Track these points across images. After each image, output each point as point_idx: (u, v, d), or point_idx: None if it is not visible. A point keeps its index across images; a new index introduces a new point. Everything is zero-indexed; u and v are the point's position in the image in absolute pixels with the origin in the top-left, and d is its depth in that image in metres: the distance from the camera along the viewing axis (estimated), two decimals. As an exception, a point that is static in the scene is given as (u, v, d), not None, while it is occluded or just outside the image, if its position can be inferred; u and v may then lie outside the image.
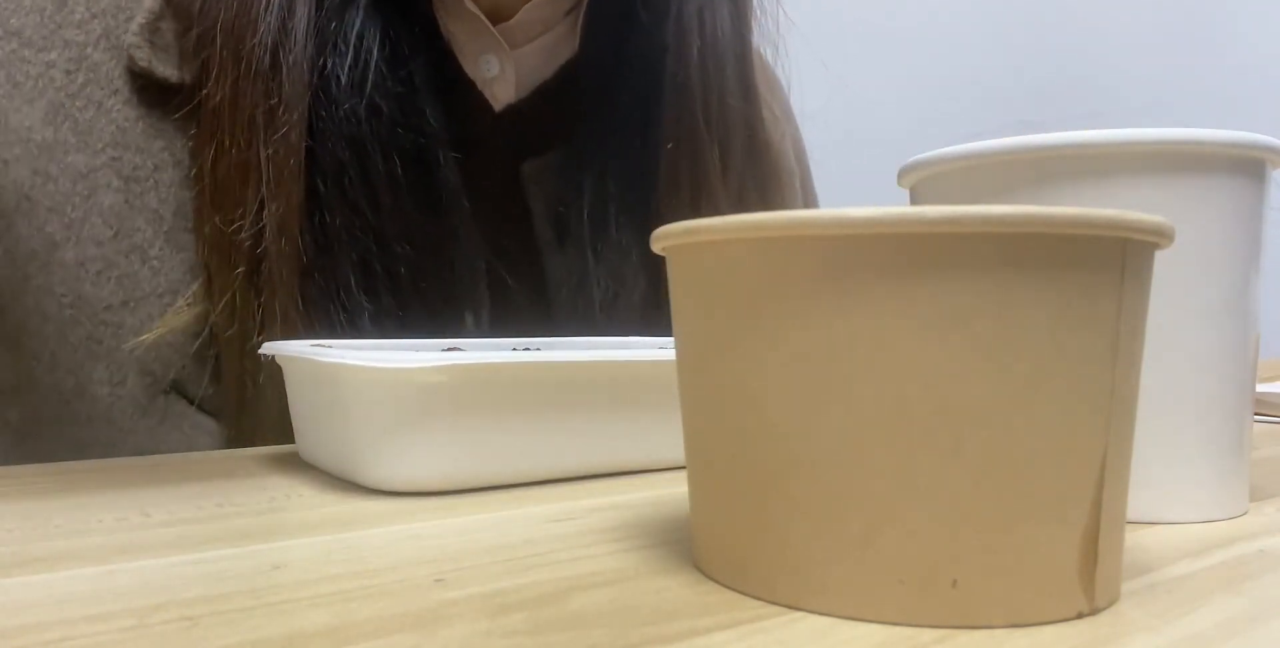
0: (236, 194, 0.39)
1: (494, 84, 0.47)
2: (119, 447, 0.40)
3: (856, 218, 0.16)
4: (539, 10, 0.47)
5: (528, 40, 0.48)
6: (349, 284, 0.41)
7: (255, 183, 0.39)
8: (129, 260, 0.40)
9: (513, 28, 0.47)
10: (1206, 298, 0.25)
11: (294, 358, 0.31)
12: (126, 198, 0.40)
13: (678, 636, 0.16)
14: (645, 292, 0.49)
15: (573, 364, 0.30)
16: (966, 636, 0.16)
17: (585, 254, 0.49)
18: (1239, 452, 0.26)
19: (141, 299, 0.40)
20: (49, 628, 0.17)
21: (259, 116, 0.39)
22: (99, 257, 0.40)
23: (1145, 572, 0.20)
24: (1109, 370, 0.17)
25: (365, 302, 0.41)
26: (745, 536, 0.18)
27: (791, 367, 0.17)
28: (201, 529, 0.24)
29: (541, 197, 0.49)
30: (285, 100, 0.40)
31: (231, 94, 0.40)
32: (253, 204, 0.39)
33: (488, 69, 0.47)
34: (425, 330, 0.43)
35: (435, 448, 0.28)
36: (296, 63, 0.40)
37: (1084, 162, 0.25)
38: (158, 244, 0.41)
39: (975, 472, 0.16)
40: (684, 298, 0.20)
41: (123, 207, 0.40)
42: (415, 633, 0.16)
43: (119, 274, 0.40)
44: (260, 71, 0.39)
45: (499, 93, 0.48)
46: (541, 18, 0.48)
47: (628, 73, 0.49)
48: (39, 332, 0.39)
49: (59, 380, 0.39)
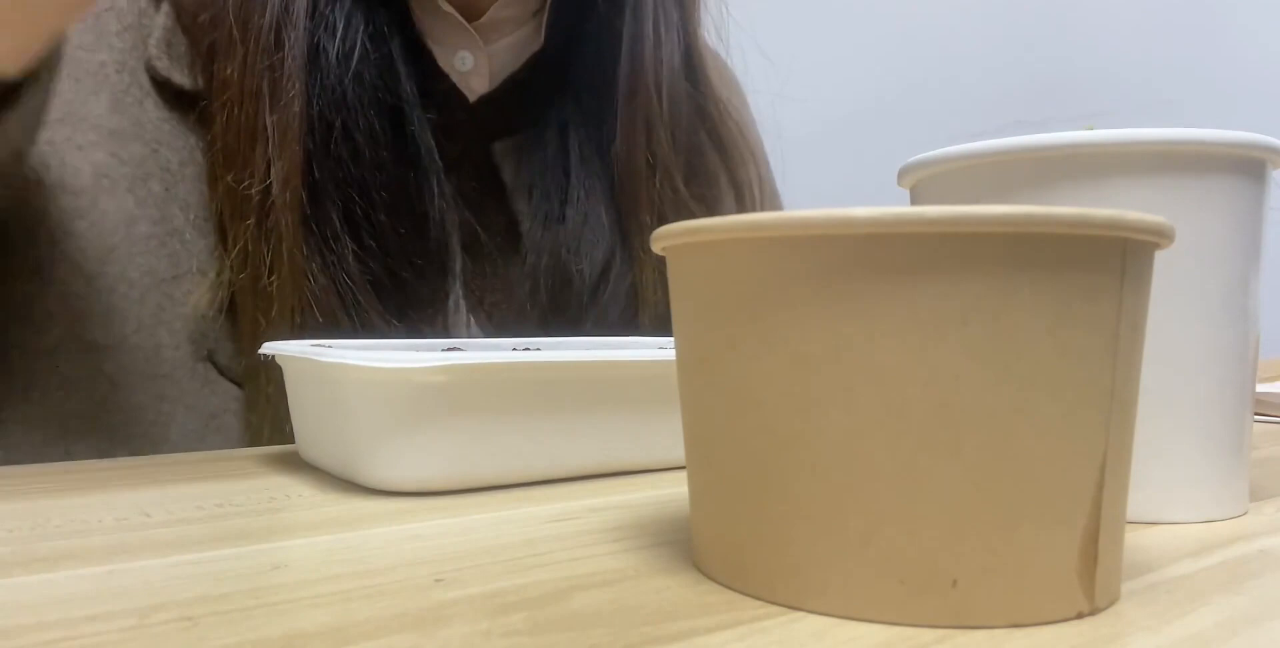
0: (245, 156, 0.45)
1: (470, 77, 0.53)
2: (180, 403, 0.46)
3: (856, 218, 0.16)
4: (507, 9, 0.53)
5: (500, 37, 0.54)
6: (337, 229, 0.46)
7: (263, 146, 0.45)
8: (172, 241, 0.46)
9: (486, 26, 0.53)
10: (1206, 298, 0.25)
11: (294, 358, 0.31)
12: (166, 186, 0.46)
13: (678, 636, 0.16)
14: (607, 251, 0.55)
15: (573, 364, 0.30)
16: (966, 636, 0.16)
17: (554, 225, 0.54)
18: (1239, 452, 0.26)
19: (185, 275, 0.46)
20: (49, 628, 0.17)
21: (264, 87, 0.45)
22: (155, 234, 0.45)
23: (1145, 572, 0.20)
24: (1109, 370, 0.17)
25: (351, 244, 0.46)
26: (745, 536, 0.18)
27: (791, 367, 0.17)
28: (201, 529, 0.24)
29: (512, 172, 0.56)
30: (287, 73, 0.45)
31: (240, 68, 0.45)
32: (260, 164, 0.45)
33: (463, 64, 0.53)
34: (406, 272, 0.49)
35: (435, 448, 0.28)
36: (297, 40, 0.45)
37: (1084, 161, 0.25)
38: (188, 230, 0.46)
39: (975, 472, 0.16)
40: (684, 298, 0.20)
41: (163, 194, 0.46)
42: (415, 633, 0.16)
43: (169, 252, 0.46)
44: (265, 48, 0.45)
45: (475, 85, 0.53)
46: (511, 16, 0.54)
47: (587, 59, 0.56)
48: (126, 296, 0.45)
49: (142, 341, 0.45)
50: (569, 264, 0.53)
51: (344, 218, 0.47)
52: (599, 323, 0.53)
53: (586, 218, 0.54)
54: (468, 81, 0.53)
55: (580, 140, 0.55)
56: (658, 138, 0.55)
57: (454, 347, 0.37)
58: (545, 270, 0.53)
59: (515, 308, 0.53)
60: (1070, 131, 0.25)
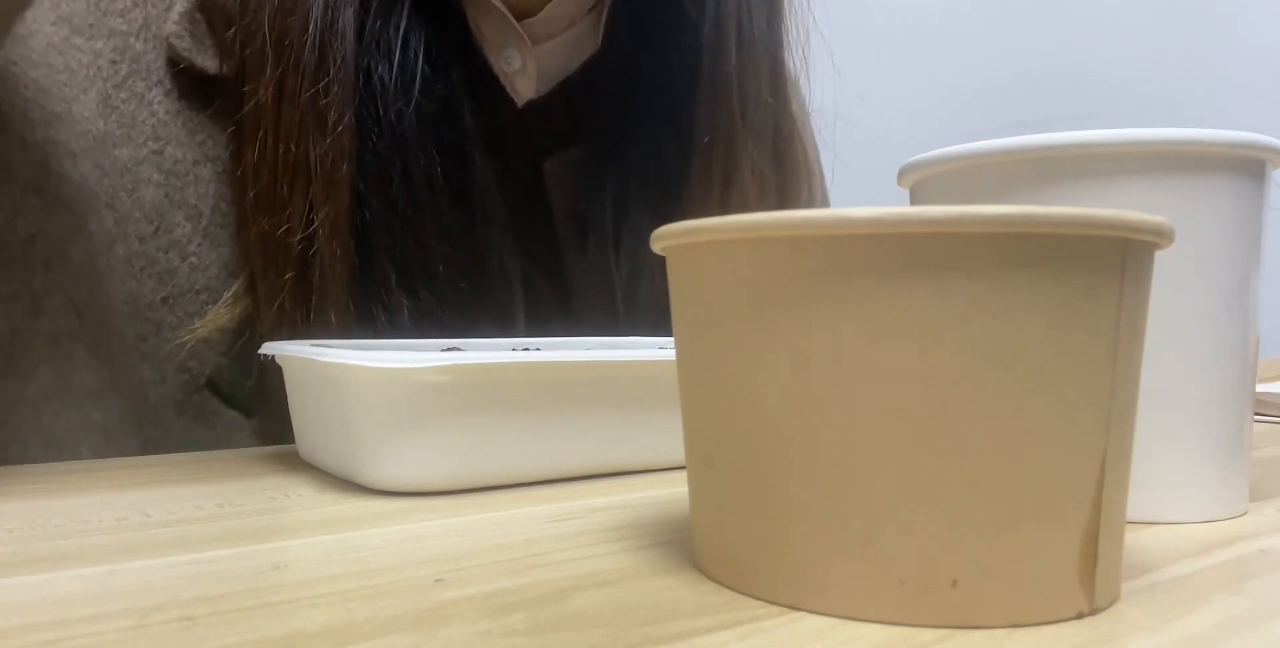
0: (284, 196, 0.39)
1: (515, 78, 0.48)
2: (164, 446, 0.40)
3: (857, 218, 0.16)
4: (562, 8, 0.47)
5: (550, 36, 0.48)
6: (389, 282, 0.40)
7: (304, 185, 0.39)
8: (168, 257, 0.40)
9: (535, 23, 0.47)
10: (1206, 298, 0.25)
11: (294, 358, 0.31)
12: (167, 193, 0.40)
13: (678, 636, 0.16)
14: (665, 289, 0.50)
15: (573, 364, 0.30)
16: (966, 636, 0.16)
17: (607, 252, 0.49)
18: (1239, 452, 0.26)
19: (180, 296, 0.40)
20: (49, 628, 0.17)
21: (308, 118, 0.39)
22: (141, 253, 0.39)
23: (1145, 572, 0.20)
24: (1109, 370, 0.17)
25: (405, 300, 0.41)
26: (745, 536, 0.18)
27: (791, 367, 0.17)
28: (201, 529, 0.24)
29: (561, 193, 0.49)
30: (334, 102, 0.39)
31: (276, 93, 0.39)
32: (301, 206, 0.39)
33: (508, 63, 0.47)
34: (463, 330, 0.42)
35: (435, 448, 0.28)
36: (345, 63, 0.39)
37: (1084, 161, 0.25)
38: (195, 240, 0.41)
39: (975, 472, 0.16)
40: (684, 298, 0.20)
41: (163, 201, 0.40)
42: (415, 633, 0.16)
43: (159, 270, 0.40)
44: (307, 72, 0.39)
45: (520, 87, 0.48)
46: (565, 14, 0.48)
47: (652, 70, 0.49)
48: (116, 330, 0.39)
49: (129, 380, 0.39)
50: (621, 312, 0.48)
51: (399, 270, 0.41)
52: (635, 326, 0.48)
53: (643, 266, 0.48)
54: (513, 83, 0.47)
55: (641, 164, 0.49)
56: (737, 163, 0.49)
57: (454, 347, 0.37)
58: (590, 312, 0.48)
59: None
60: (1070, 132, 0.25)
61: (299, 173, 0.38)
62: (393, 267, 0.41)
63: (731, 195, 0.49)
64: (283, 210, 0.38)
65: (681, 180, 0.49)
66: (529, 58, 0.47)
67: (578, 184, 0.49)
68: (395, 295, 0.40)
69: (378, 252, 0.40)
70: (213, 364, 0.41)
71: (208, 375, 0.41)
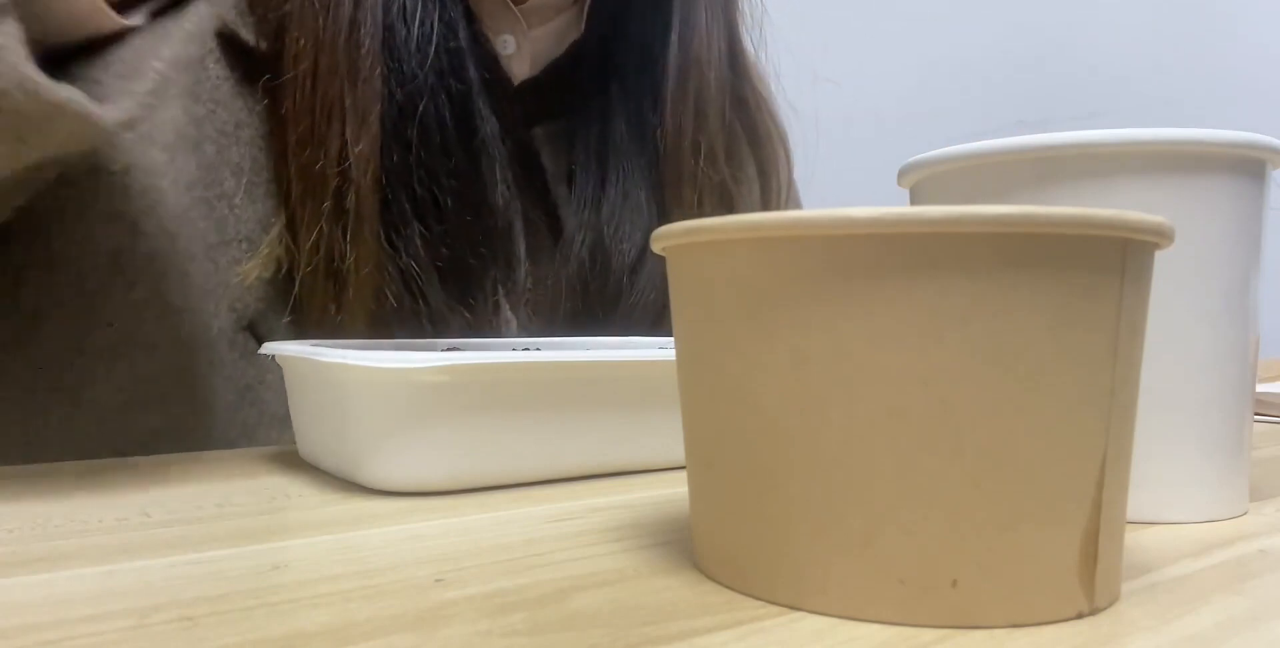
0: (321, 134, 0.45)
1: (511, 60, 0.54)
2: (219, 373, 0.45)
3: (856, 218, 0.16)
4: None
5: (542, 23, 0.55)
6: (407, 214, 0.47)
7: (339, 124, 0.45)
8: (221, 205, 0.45)
9: (529, 11, 0.54)
10: (1206, 298, 0.25)
11: (294, 358, 0.31)
12: (219, 149, 0.45)
13: (678, 636, 0.16)
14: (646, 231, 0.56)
15: (573, 364, 0.30)
16: (966, 636, 0.16)
17: (596, 205, 0.55)
18: (1239, 452, 0.26)
19: (227, 243, 0.45)
20: (49, 628, 0.17)
21: (342, 65, 0.45)
22: (205, 199, 0.45)
23: (1145, 572, 0.20)
24: (1109, 370, 0.17)
25: (420, 228, 0.47)
26: (745, 536, 0.18)
27: (791, 367, 0.17)
28: (201, 529, 0.24)
29: (552, 157, 0.56)
30: (367, 52, 0.45)
31: (314, 42, 0.45)
32: (335, 142, 0.45)
33: (505, 47, 0.54)
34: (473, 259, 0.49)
35: (435, 448, 0.28)
36: (375, 21, 0.46)
37: (1084, 161, 0.25)
38: (239, 195, 0.46)
39: (975, 472, 0.16)
40: (684, 298, 0.20)
41: (215, 157, 0.45)
42: (415, 633, 0.16)
43: (217, 217, 0.45)
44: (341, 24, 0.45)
45: (516, 69, 0.55)
46: (554, 3, 0.55)
47: (630, 46, 0.57)
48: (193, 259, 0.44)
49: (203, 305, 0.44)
50: (610, 244, 0.55)
51: (414, 203, 0.47)
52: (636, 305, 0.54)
53: (626, 198, 0.56)
54: (509, 65, 0.54)
55: (620, 126, 0.57)
56: (704, 120, 0.56)
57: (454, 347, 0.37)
58: (587, 251, 0.54)
59: (552, 293, 0.54)
60: (1070, 132, 0.25)
61: (334, 113, 0.45)
62: (408, 199, 0.47)
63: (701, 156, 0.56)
64: (320, 146, 0.44)
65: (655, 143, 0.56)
66: (524, 41, 0.54)
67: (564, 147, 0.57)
68: (412, 225, 0.47)
69: (396, 186, 0.47)
70: (253, 308, 0.46)
71: (250, 318, 0.46)
